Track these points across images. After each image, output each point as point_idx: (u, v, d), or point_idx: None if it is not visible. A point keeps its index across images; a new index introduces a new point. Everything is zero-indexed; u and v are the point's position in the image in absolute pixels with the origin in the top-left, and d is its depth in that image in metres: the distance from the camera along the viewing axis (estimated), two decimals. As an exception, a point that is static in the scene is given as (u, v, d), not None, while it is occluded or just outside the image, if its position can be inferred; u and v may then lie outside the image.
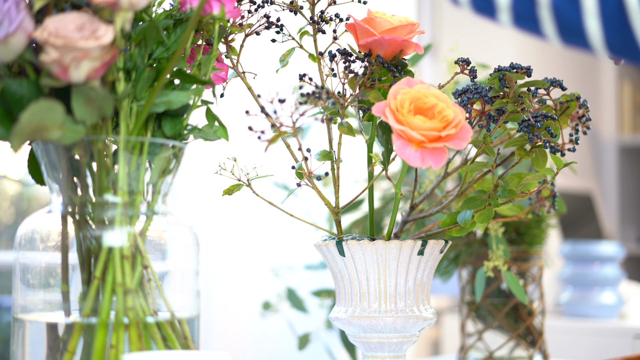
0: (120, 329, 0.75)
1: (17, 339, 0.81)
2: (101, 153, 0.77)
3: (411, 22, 0.90)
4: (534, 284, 1.34)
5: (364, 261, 0.89)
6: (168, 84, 0.82)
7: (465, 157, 1.01)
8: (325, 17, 0.93)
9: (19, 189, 2.12)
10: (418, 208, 1.03)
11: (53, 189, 0.80)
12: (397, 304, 0.90)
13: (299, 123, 0.84)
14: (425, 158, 0.79)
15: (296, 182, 0.91)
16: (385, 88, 0.90)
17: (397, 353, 0.91)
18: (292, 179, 0.94)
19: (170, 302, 0.81)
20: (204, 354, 0.71)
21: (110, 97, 0.75)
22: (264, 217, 1.85)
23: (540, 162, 0.90)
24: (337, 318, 0.92)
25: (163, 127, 0.81)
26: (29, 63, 0.76)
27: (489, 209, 0.88)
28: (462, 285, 1.37)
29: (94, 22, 0.73)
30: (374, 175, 0.93)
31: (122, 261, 0.76)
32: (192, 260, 0.84)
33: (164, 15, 0.82)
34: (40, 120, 0.72)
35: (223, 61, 0.91)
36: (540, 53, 3.03)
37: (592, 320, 1.91)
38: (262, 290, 1.80)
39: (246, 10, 0.92)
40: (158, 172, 0.81)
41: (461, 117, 0.82)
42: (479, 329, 1.36)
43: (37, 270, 0.81)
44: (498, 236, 1.24)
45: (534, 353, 1.32)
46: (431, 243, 0.90)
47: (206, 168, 1.73)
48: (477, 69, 0.94)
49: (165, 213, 0.82)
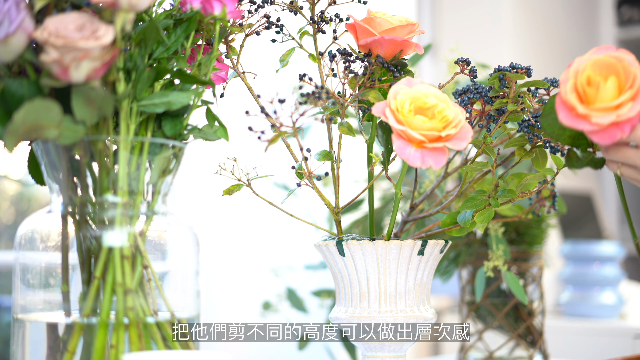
0: (120, 329, 0.75)
1: (17, 339, 0.81)
2: (101, 153, 0.77)
3: (411, 22, 0.90)
4: (534, 284, 1.34)
5: (364, 261, 0.89)
6: (168, 84, 0.82)
7: (465, 157, 1.01)
8: (325, 17, 0.93)
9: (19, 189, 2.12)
10: (418, 208, 1.03)
11: (53, 189, 0.80)
12: (397, 304, 0.90)
13: (299, 123, 0.84)
14: (425, 158, 0.79)
15: (296, 182, 0.91)
16: (385, 88, 0.90)
17: (397, 353, 0.91)
18: (292, 179, 0.94)
19: (170, 302, 0.81)
20: (204, 354, 0.71)
21: (111, 97, 0.75)
22: (264, 217, 1.85)
23: (540, 162, 0.90)
24: (337, 318, 0.92)
25: (163, 127, 0.81)
26: (29, 63, 0.76)
27: (489, 209, 0.88)
28: (462, 285, 1.37)
29: (94, 22, 0.73)
30: (374, 175, 0.93)
31: (122, 261, 0.76)
32: (192, 260, 0.84)
33: (164, 15, 0.82)
34: (35, 119, 0.72)
35: (223, 61, 0.91)
36: (540, 53, 3.03)
37: (592, 320, 1.91)
38: (262, 290, 1.80)
39: (246, 10, 0.92)
40: (158, 172, 0.81)
41: (461, 117, 0.82)
42: (479, 329, 1.36)
43: (37, 270, 0.81)
44: (498, 236, 1.24)
45: (534, 353, 1.32)
46: (431, 243, 0.90)
47: (206, 168, 1.73)
48: (477, 69, 0.94)
49: (165, 213, 0.82)
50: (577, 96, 0.78)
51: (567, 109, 0.78)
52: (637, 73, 0.77)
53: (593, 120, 0.76)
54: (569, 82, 0.78)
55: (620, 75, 0.78)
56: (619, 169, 0.82)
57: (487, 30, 2.84)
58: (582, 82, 0.78)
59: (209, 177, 1.73)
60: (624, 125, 0.76)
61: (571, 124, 0.77)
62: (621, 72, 0.78)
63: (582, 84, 0.78)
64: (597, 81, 0.77)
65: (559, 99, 0.79)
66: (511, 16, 2.85)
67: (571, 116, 0.78)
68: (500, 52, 2.80)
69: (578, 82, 0.78)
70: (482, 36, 2.83)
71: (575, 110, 0.77)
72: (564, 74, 0.79)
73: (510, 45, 2.86)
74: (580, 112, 0.77)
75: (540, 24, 3.05)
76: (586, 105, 0.77)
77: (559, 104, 0.78)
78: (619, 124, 0.76)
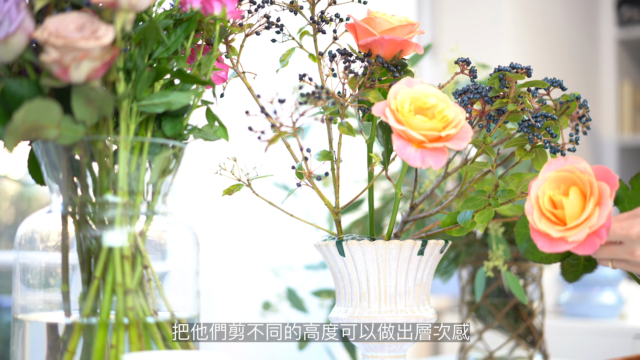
0: (120, 329, 0.75)
1: (17, 339, 0.81)
2: (101, 153, 0.77)
3: (411, 22, 0.90)
4: (534, 284, 1.34)
5: (364, 261, 0.89)
6: (168, 84, 0.82)
7: (465, 157, 1.01)
8: (325, 17, 0.93)
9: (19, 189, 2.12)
10: (418, 208, 1.03)
11: (53, 189, 0.80)
12: (397, 304, 0.90)
13: (299, 123, 0.84)
14: (425, 158, 0.79)
15: (296, 182, 0.91)
16: (385, 88, 0.90)
17: (397, 353, 0.91)
18: (292, 179, 0.94)
19: (170, 302, 0.81)
20: (204, 354, 0.71)
21: (111, 97, 0.75)
22: (264, 217, 1.85)
23: (540, 162, 0.90)
24: (337, 318, 0.92)
25: (163, 127, 0.81)
26: (29, 63, 0.76)
27: (489, 209, 0.88)
28: (462, 285, 1.37)
29: (95, 22, 0.73)
30: (374, 175, 0.93)
31: (122, 261, 0.76)
32: (192, 260, 0.84)
33: (164, 15, 0.82)
34: (35, 119, 0.72)
35: (223, 61, 0.91)
36: (540, 53, 3.03)
37: (592, 320, 1.91)
38: (262, 290, 1.80)
39: (246, 10, 0.92)
40: (158, 172, 0.81)
41: (461, 117, 0.82)
42: (479, 329, 1.36)
43: (37, 270, 0.81)
44: (498, 236, 1.24)
45: (534, 353, 1.32)
46: (431, 243, 0.90)
47: (206, 168, 1.73)
48: (477, 69, 0.94)
49: (165, 213, 0.82)
50: (548, 221, 0.80)
51: (543, 237, 0.79)
52: (591, 180, 0.79)
53: (570, 240, 0.78)
54: (534, 211, 0.80)
55: (579, 185, 0.80)
56: (611, 264, 0.84)
57: (487, 30, 2.84)
58: (546, 207, 0.79)
59: (209, 177, 1.73)
60: (600, 232, 0.78)
61: (552, 249, 0.79)
62: (578, 181, 0.80)
63: (548, 209, 0.79)
64: (560, 200, 0.79)
65: (532, 231, 0.80)
66: (511, 16, 2.85)
67: (549, 243, 0.79)
68: (500, 52, 2.80)
69: (543, 208, 0.79)
70: (482, 36, 2.83)
71: (549, 236, 0.79)
72: (527, 203, 0.80)
73: (510, 45, 2.86)
74: (556, 236, 0.79)
75: (540, 24, 3.05)
76: (559, 228, 0.79)
77: (534, 234, 0.80)
78: (595, 232, 0.78)
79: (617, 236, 0.80)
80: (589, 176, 0.79)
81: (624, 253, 0.81)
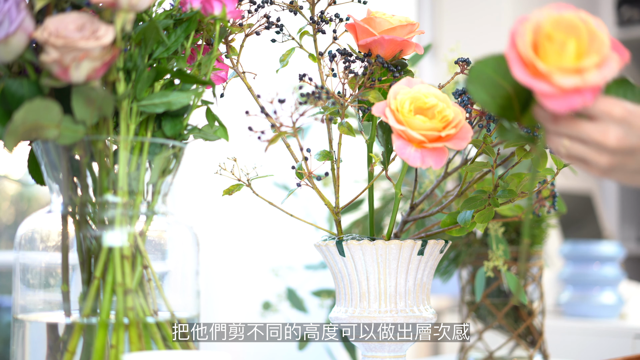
0: (120, 329, 0.75)
1: (17, 339, 0.81)
2: (101, 153, 0.77)
3: (411, 22, 0.90)
4: (534, 284, 1.34)
5: (364, 261, 0.89)
6: (168, 84, 0.82)
7: (465, 157, 1.01)
8: (325, 17, 0.93)
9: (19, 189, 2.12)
10: (418, 208, 1.03)
11: (53, 189, 0.80)
12: (397, 304, 0.90)
13: (299, 123, 0.84)
14: (425, 158, 0.79)
15: (296, 182, 0.91)
16: (385, 88, 0.90)
17: (397, 353, 0.91)
18: (292, 179, 0.94)
19: (170, 302, 0.81)
20: (204, 354, 0.71)
21: (111, 97, 0.75)
22: (264, 217, 1.85)
23: (540, 162, 0.90)
24: (337, 318, 0.92)
25: (163, 127, 0.81)
26: (29, 63, 0.76)
27: (489, 209, 0.88)
28: (462, 285, 1.37)
29: (95, 22, 0.74)
30: (374, 175, 0.93)
31: (122, 261, 0.76)
32: (192, 260, 0.84)
33: (164, 15, 0.82)
34: (35, 119, 0.72)
35: (223, 61, 0.91)
36: (540, 53, 3.03)
37: (592, 320, 1.91)
38: (262, 290, 1.80)
39: (246, 10, 0.92)
40: (158, 172, 0.81)
41: (461, 117, 0.82)
42: (479, 329, 1.36)
43: (37, 270, 0.81)
44: (498, 236, 1.24)
45: (534, 353, 1.32)
46: (431, 243, 0.90)
47: (206, 168, 1.73)
48: (477, 69, 0.94)
49: (165, 213, 0.82)
50: (537, 51, 0.68)
51: (525, 64, 0.67)
52: (604, 38, 0.68)
53: (554, 81, 0.66)
54: (526, 36, 0.67)
55: (582, 39, 0.68)
56: (564, 146, 0.70)
57: (487, 31, 2.85)
58: (543, 34, 0.67)
59: (209, 177, 1.73)
60: (587, 93, 0.66)
61: (527, 81, 0.66)
62: (584, 35, 0.68)
63: (543, 39, 0.67)
64: (561, 39, 0.67)
65: (513, 52, 0.67)
66: (511, 16, 2.85)
67: (528, 73, 0.66)
68: (500, 52, 2.80)
69: (539, 34, 0.67)
70: (482, 36, 2.83)
71: (534, 66, 0.67)
72: (521, 25, 0.68)
73: (510, 45, 2.86)
74: (541, 69, 0.66)
75: (540, 24, 3.05)
76: (548, 64, 0.67)
77: (514, 58, 0.67)
78: (581, 90, 0.66)
79: (596, 110, 0.68)
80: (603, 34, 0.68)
81: (594, 132, 0.69)
